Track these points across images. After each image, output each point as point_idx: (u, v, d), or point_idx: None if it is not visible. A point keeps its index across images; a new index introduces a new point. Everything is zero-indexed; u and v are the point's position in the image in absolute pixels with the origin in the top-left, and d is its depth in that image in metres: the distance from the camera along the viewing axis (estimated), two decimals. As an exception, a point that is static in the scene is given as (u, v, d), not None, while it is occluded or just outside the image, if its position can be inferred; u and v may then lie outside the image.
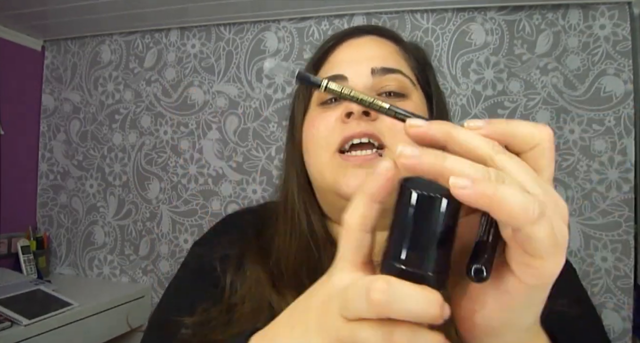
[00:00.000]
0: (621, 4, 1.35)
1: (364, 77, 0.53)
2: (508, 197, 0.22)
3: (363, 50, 0.56)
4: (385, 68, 0.53)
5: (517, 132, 0.27)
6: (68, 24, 1.71)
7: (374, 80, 0.53)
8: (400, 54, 0.57)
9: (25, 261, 1.62)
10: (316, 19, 1.59)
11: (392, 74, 0.53)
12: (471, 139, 0.26)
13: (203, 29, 1.70)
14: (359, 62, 0.54)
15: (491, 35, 1.45)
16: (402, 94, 0.53)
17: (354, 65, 0.54)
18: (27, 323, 1.20)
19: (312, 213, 0.57)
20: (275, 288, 0.50)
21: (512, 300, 0.26)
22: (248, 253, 0.55)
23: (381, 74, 0.53)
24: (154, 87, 1.75)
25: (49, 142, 1.89)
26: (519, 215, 0.22)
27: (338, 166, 0.51)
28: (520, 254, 0.24)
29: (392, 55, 0.56)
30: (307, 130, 0.56)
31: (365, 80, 0.53)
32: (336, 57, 0.57)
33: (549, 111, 1.39)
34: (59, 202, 1.86)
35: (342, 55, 0.57)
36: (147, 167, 1.75)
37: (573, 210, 1.36)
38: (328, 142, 0.52)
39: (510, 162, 0.26)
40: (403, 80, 0.54)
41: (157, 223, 1.72)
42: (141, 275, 1.72)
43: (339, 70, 0.55)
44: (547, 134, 0.27)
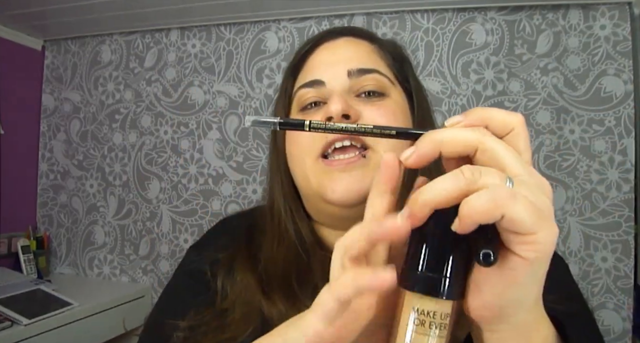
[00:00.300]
0: (621, 4, 1.35)
1: (341, 79, 0.53)
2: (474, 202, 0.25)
3: (338, 53, 0.56)
4: (361, 69, 0.53)
5: (493, 117, 0.30)
6: (68, 24, 1.71)
7: (351, 81, 0.53)
8: (377, 52, 0.57)
9: (26, 261, 1.62)
10: (316, 19, 1.59)
11: (369, 74, 0.53)
12: (457, 134, 0.29)
13: (203, 28, 1.70)
14: (335, 64, 0.54)
15: (491, 35, 1.45)
16: (381, 92, 0.53)
17: (330, 68, 0.54)
18: (27, 323, 1.20)
19: (299, 220, 0.57)
20: (265, 294, 0.50)
21: (516, 276, 0.27)
22: (238, 259, 0.55)
23: (358, 75, 0.53)
24: (154, 87, 1.75)
25: (49, 142, 1.89)
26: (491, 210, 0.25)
27: (322, 172, 0.50)
28: (514, 235, 0.26)
29: (368, 55, 0.56)
30: (289, 137, 0.56)
31: (342, 82, 0.53)
32: (312, 61, 0.57)
33: (549, 111, 1.39)
34: (59, 202, 1.86)
35: (318, 59, 0.56)
36: (147, 166, 1.75)
37: (573, 210, 1.36)
38: (311, 148, 0.51)
39: (497, 143, 0.29)
40: (381, 79, 0.54)
41: (157, 223, 1.72)
42: (141, 275, 1.72)
43: (316, 74, 0.54)
44: (520, 119, 0.30)
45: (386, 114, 0.51)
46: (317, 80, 0.54)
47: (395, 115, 0.52)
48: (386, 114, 0.51)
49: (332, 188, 0.49)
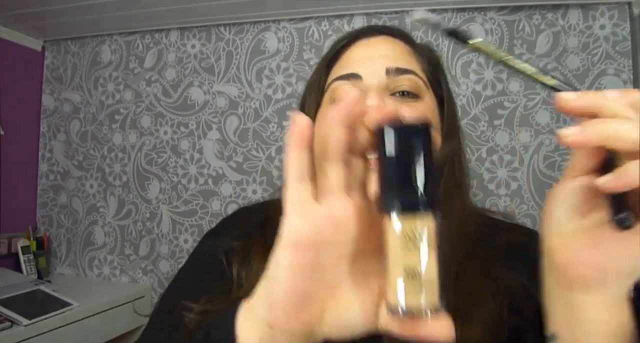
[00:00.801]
0: (621, 4, 1.35)
1: (379, 76, 0.53)
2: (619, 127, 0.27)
3: (377, 49, 0.56)
4: (399, 68, 0.53)
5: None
6: (68, 24, 1.71)
7: (388, 80, 0.52)
8: (413, 55, 0.57)
9: (26, 261, 1.62)
10: (316, 19, 1.59)
11: (406, 74, 0.53)
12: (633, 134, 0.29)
13: (203, 29, 1.71)
14: (373, 60, 0.54)
15: (491, 35, 1.45)
16: (416, 94, 0.53)
17: (369, 64, 0.54)
18: (27, 324, 1.20)
19: None
20: None
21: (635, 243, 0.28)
22: (254, 248, 0.55)
23: (395, 74, 0.53)
24: (154, 87, 1.75)
25: (49, 142, 1.89)
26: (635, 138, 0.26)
27: None
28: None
29: (405, 56, 0.55)
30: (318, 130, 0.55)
31: (380, 79, 0.52)
32: (349, 55, 0.57)
33: (549, 111, 1.39)
34: (59, 202, 1.86)
35: (355, 54, 0.56)
36: (147, 167, 1.75)
37: (573, 210, 1.36)
38: None
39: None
40: (417, 81, 0.53)
41: (157, 223, 1.72)
42: (141, 275, 1.72)
43: (353, 68, 0.54)
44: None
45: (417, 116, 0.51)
46: (354, 73, 0.53)
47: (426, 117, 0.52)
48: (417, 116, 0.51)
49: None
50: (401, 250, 0.28)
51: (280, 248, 0.29)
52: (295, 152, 0.29)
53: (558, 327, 0.35)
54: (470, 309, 0.45)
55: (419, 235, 0.28)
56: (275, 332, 0.30)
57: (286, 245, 0.29)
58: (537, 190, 1.39)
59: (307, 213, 0.29)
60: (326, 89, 0.56)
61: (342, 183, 0.29)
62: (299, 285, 0.29)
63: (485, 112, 1.44)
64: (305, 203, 0.29)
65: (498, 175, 1.42)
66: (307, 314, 0.30)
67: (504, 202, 1.42)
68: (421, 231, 0.28)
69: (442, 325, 0.28)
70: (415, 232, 0.28)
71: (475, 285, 0.47)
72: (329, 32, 1.58)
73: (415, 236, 0.28)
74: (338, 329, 0.31)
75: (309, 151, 0.30)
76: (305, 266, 0.29)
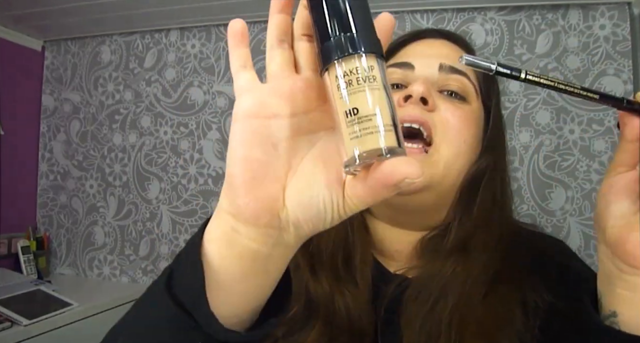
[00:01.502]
0: (621, 4, 1.35)
1: (431, 69, 0.53)
2: None
3: (435, 48, 0.56)
4: (453, 67, 0.53)
5: None
6: (68, 25, 1.71)
7: (440, 75, 0.52)
8: None
9: (26, 261, 1.62)
10: (316, 19, 1.59)
11: (458, 74, 0.53)
12: None
13: (203, 29, 1.71)
14: (429, 56, 0.54)
15: (491, 35, 1.45)
16: (464, 97, 0.53)
17: (423, 58, 0.54)
18: (27, 324, 1.20)
19: None
20: (313, 273, 0.50)
21: None
22: None
23: (448, 72, 0.52)
24: (154, 88, 1.75)
25: (49, 142, 1.89)
26: None
27: None
28: None
29: None
30: None
31: (431, 72, 0.52)
32: (408, 50, 0.57)
33: (549, 111, 1.39)
34: (59, 202, 1.86)
35: (412, 50, 0.57)
36: (147, 167, 1.75)
37: (573, 210, 1.36)
38: None
39: None
40: (468, 84, 0.53)
41: (157, 223, 1.72)
42: (141, 276, 1.72)
43: (408, 59, 0.54)
44: None
45: (461, 118, 0.50)
46: (407, 62, 0.54)
47: (469, 122, 0.52)
48: (461, 118, 0.50)
49: None
50: (347, 97, 0.26)
51: (233, 123, 0.30)
52: (234, 50, 0.32)
53: (620, 307, 0.38)
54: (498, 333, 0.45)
55: (362, 77, 0.26)
56: (238, 222, 0.30)
57: (235, 119, 0.30)
58: (537, 190, 1.39)
59: (253, 90, 0.30)
60: None
61: (286, 63, 0.30)
62: (251, 154, 0.29)
63: (485, 112, 1.44)
64: (250, 82, 0.31)
65: (498, 175, 1.42)
66: (265, 191, 0.29)
67: (504, 202, 1.41)
68: (364, 73, 0.26)
69: (407, 162, 0.25)
70: (358, 74, 0.26)
71: (505, 305, 0.47)
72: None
73: (359, 79, 0.26)
74: (304, 211, 0.29)
75: (245, 46, 0.32)
76: (254, 135, 0.29)
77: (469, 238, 0.50)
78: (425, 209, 0.52)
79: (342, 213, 0.29)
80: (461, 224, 0.51)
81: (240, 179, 0.29)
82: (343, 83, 0.26)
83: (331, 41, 0.27)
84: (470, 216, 0.51)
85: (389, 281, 0.51)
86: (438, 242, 0.51)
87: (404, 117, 0.48)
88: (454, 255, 0.49)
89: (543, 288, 0.47)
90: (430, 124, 0.49)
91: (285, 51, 0.30)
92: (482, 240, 0.50)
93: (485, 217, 0.51)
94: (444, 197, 0.52)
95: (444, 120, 0.49)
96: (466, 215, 0.51)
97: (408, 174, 0.24)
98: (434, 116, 0.49)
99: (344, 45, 0.26)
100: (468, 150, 0.51)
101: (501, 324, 0.45)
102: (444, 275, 0.48)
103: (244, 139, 0.29)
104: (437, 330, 0.45)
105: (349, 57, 0.26)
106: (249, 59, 0.32)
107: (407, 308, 0.48)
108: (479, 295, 0.47)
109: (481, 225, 0.51)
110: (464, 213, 0.51)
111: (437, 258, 0.50)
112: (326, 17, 0.28)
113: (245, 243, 0.30)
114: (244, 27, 0.32)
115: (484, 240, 0.50)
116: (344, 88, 0.26)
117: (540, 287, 0.48)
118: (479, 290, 0.47)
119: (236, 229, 0.30)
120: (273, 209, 0.29)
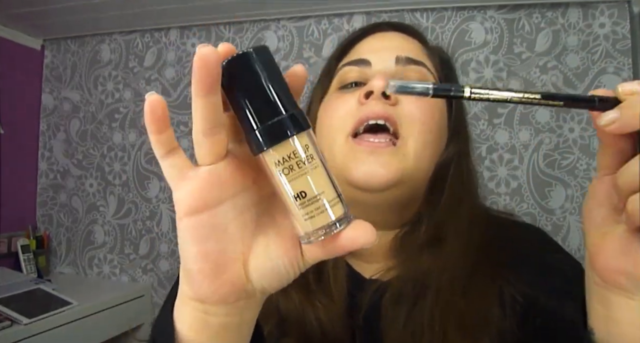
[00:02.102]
0: (621, 3, 1.35)
1: (388, 62, 0.52)
2: None
3: (389, 41, 0.56)
4: (410, 58, 0.52)
5: None
6: (68, 23, 1.71)
7: (398, 68, 0.52)
8: (425, 52, 0.56)
9: (25, 260, 1.62)
10: (316, 18, 1.59)
11: (416, 65, 0.52)
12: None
13: (203, 28, 1.70)
14: (384, 50, 0.54)
15: (491, 33, 1.45)
16: None
17: (379, 52, 0.53)
18: (27, 323, 1.20)
19: None
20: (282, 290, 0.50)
21: None
22: None
23: (405, 63, 0.52)
24: (153, 86, 1.75)
25: (48, 141, 1.89)
26: None
27: (350, 150, 0.48)
28: None
29: (417, 50, 0.55)
30: (323, 114, 0.54)
31: (388, 65, 0.52)
32: (361, 46, 0.56)
33: (549, 110, 1.39)
34: (58, 201, 1.86)
35: (367, 45, 0.56)
36: (147, 166, 1.75)
37: (573, 208, 1.36)
38: (344, 124, 0.50)
39: None
40: (426, 74, 0.53)
41: (157, 222, 1.72)
42: (141, 274, 1.72)
43: (364, 55, 0.54)
44: None
45: (424, 108, 0.50)
46: (363, 59, 0.53)
47: (433, 112, 0.51)
48: (424, 108, 0.50)
49: (356, 168, 0.47)
50: (288, 181, 0.26)
51: (178, 221, 0.29)
52: (155, 136, 0.28)
53: (596, 324, 0.35)
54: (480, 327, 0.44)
55: (302, 160, 0.26)
56: (207, 305, 0.30)
57: (180, 217, 0.29)
58: (537, 188, 1.39)
59: (188, 180, 0.28)
60: (335, 74, 0.56)
61: (216, 146, 0.28)
62: (205, 248, 0.28)
63: (485, 111, 1.44)
64: (183, 170, 0.28)
65: (498, 173, 1.42)
66: (228, 275, 0.29)
67: (504, 201, 1.41)
68: (301, 155, 0.26)
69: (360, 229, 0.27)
70: (296, 158, 0.26)
71: (485, 299, 0.46)
72: (329, 30, 1.57)
73: (299, 163, 0.26)
74: (268, 279, 0.30)
75: (167, 127, 0.28)
76: (204, 229, 0.28)
77: (440, 228, 0.50)
78: (399, 205, 0.51)
79: (302, 268, 0.31)
80: (432, 215, 0.51)
81: (201, 273, 0.29)
82: (284, 170, 0.26)
83: (259, 129, 0.26)
84: (440, 205, 0.51)
85: (365, 288, 0.50)
86: (411, 237, 0.51)
87: (368, 114, 0.48)
88: (428, 249, 0.49)
89: (522, 281, 0.46)
90: (395, 118, 0.48)
91: (215, 136, 0.27)
92: (454, 228, 0.50)
93: (455, 204, 0.51)
94: (417, 189, 0.51)
95: (408, 113, 0.49)
96: (436, 205, 0.51)
97: (364, 243, 0.27)
98: (397, 110, 0.49)
99: (275, 133, 0.26)
100: (435, 139, 0.51)
101: (481, 317, 0.45)
102: (420, 273, 0.48)
103: (194, 236, 0.28)
104: (420, 329, 0.45)
105: (283, 143, 0.26)
106: (173, 141, 0.28)
107: (387, 313, 0.47)
108: (458, 288, 0.47)
109: (451, 212, 0.51)
110: (435, 204, 0.51)
111: (412, 255, 0.49)
112: (247, 106, 0.26)
113: (219, 321, 0.31)
114: (161, 102, 0.28)
115: (455, 227, 0.50)
116: (286, 174, 0.26)
117: (520, 279, 0.47)
118: (458, 283, 0.47)
119: (207, 311, 0.30)
120: (239, 287, 0.30)
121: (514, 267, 0.48)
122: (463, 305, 0.45)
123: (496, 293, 0.46)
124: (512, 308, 0.45)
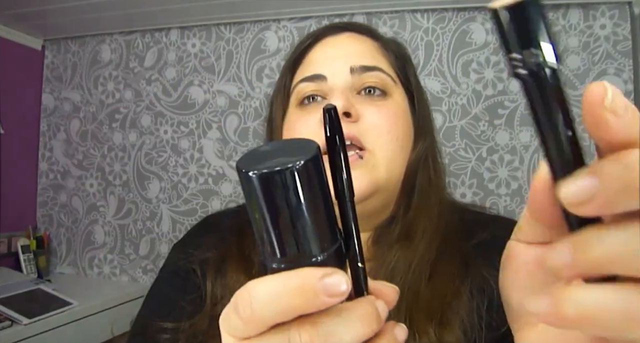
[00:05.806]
0: (621, 4, 1.35)
1: (343, 75, 0.51)
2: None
3: (341, 48, 0.54)
4: (364, 66, 0.52)
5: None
6: (68, 24, 1.71)
7: (353, 78, 0.51)
8: (379, 50, 0.55)
9: (25, 260, 1.62)
10: (316, 18, 1.59)
11: (372, 71, 0.52)
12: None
13: (203, 28, 1.70)
14: (337, 59, 0.53)
15: (491, 34, 1.45)
16: (383, 91, 0.52)
17: (332, 63, 0.52)
18: (28, 323, 1.20)
19: None
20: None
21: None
22: (229, 260, 0.53)
23: (361, 72, 0.51)
24: (154, 87, 1.75)
25: (49, 141, 1.89)
26: None
27: None
28: None
29: (371, 52, 0.54)
30: (286, 134, 0.54)
31: (344, 78, 0.51)
32: (313, 55, 0.55)
33: (549, 111, 1.39)
34: (59, 202, 1.86)
35: (319, 54, 0.55)
36: (147, 166, 1.75)
37: (573, 209, 1.36)
38: None
39: None
40: (384, 77, 0.52)
41: (157, 222, 1.72)
42: (141, 275, 1.72)
43: (317, 69, 0.53)
44: None
45: (387, 116, 0.50)
46: (318, 74, 0.52)
47: (397, 116, 0.51)
48: (387, 116, 0.50)
49: None
50: None
51: None
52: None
53: None
54: (446, 311, 0.44)
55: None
56: None
57: None
58: (537, 189, 1.39)
59: None
60: (292, 91, 0.55)
61: None
62: None
63: (485, 112, 1.44)
64: None
65: (498, 174, 1.42)
66: None
67: (504, 202, 1.42)
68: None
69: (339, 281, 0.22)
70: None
71: (451, 284, 0.46)
72: (329, 31, 1.57)
73: None
74: None
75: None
76: None
77: (411, 226, 0.51)
78: (375, 212, 0.52)
79: None
80: (405, 214, 0.52)
81: None
82: None
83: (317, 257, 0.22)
84: (412, 205, 0.52)
85: None
86: (385, 237, 0.51)
87: None
88: (399, 243, 0.50)
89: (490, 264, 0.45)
90: (358, 136, 0.48)
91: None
92: (423, 224, 0.50)
93: (424, 202, 0.52)
94: (391, 194, 0.52)
95: (372, 125, 0.49)
96: (408, 205, 0.52)
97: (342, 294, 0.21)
98: (359, 126, 0.49)
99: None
100: (402, 145, 0.51)
101: (448, 302, 0.45)
102: (389, 263, 0.48)
103: None
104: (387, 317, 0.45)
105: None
106: None
107: None
108: (424, 276, 0.47)
109: (421, 210, 0.51)
110: (407, 204, 0.52)
111: (384, 252, 0.50)
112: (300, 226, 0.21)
113: None
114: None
115: (424, 223, 0.50)
116: None
117: (487, 264, 0.46)
118: (424, 271, 0.47)
119: None
120: None
121: (482, 251, 0.48)
122: (428, 292, 0.46)
123: (463, 278, 0.47)
124: (480, 292, 0.46)
